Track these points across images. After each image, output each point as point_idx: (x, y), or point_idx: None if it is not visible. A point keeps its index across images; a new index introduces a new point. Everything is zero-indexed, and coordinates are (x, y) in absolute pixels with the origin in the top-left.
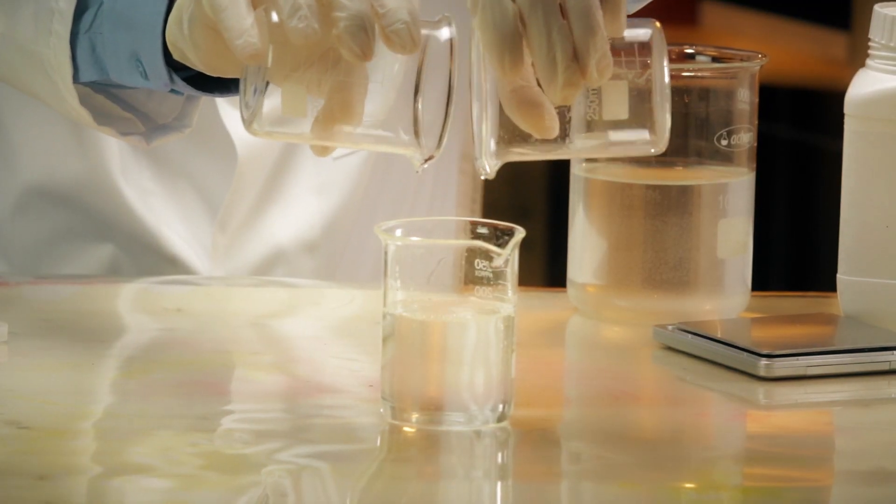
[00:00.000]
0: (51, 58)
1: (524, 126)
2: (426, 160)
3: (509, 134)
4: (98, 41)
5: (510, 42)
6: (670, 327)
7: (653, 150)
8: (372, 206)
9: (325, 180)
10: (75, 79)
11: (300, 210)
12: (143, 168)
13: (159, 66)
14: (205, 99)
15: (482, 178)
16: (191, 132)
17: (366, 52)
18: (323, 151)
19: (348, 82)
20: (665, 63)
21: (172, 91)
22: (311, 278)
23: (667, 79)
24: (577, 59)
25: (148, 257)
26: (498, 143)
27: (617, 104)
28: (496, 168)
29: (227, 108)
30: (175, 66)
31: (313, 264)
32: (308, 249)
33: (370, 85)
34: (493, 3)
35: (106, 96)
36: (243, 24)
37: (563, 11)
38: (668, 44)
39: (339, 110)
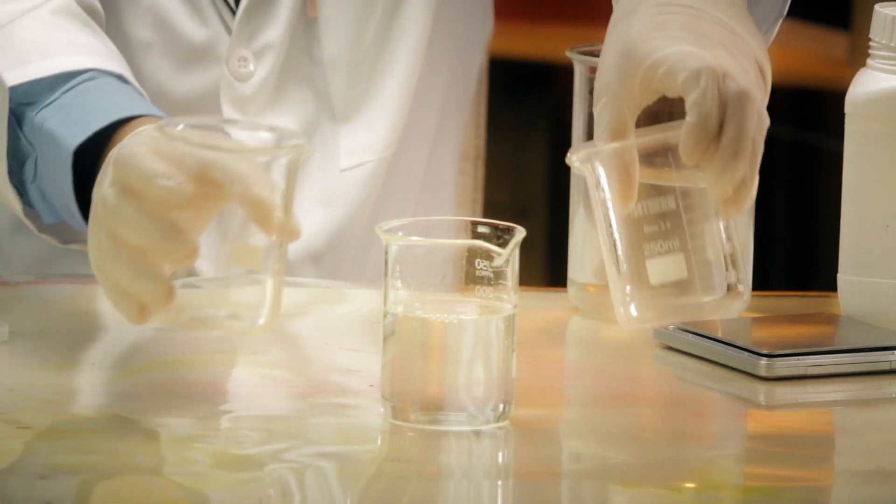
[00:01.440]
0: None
1: (608, 174)
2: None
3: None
4: (44, 189)
5: (708, 138)
6: (671, 327)
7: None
8: (376, 217)
9: (331, 192)
10: (41, 221)
11: (306, 221)
12: None
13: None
14: (210, 106)
15: (568, 163)
16: None
17: (163, 303)
18: (292, 235)
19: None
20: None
21: None
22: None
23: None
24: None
25: None
26: (599, 154)
27: (659, 270)
28: (574, 164)
29: (231, 117)
30: None
31: (317, 275)
32: (312, 261)
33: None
34: (712, 95)
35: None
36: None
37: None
38: None
39: (256, 210)
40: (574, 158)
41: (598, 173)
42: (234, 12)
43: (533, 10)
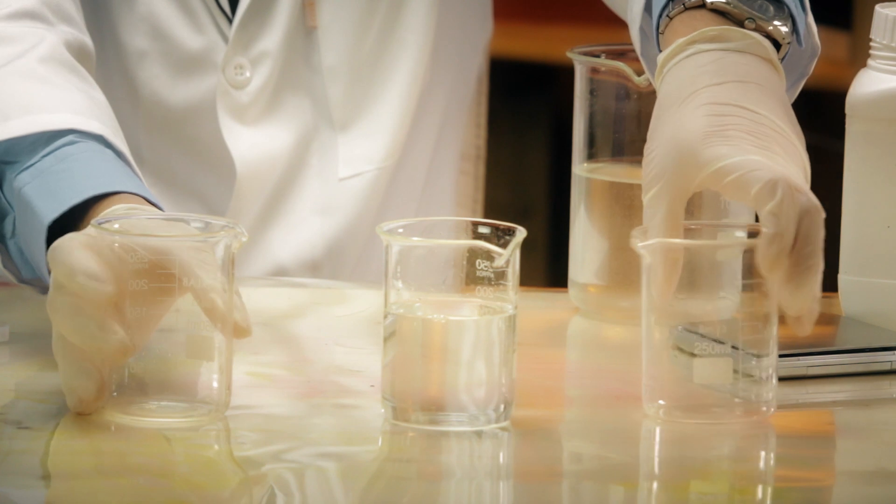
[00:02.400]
0: None
1: (655, 264)
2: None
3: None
4: (22, 245)
5: (786, 250)
6: (680, 328)
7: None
8: (374, 228)
9: (329, 201)
10: (20, 275)
11: (303, 230)
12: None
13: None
14: (207, 115)
15: (632, 247)
16: None
17: (94, 401)
18: (242, 333)
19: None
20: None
21: None
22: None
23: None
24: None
25: None
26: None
27: (705, 370)
28: (639, 250)
29: (228, 125)
30: None
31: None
32: (310, 270)
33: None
34: (788, 207)
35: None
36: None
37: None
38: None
39: (207, 303)
40: (639, 245)
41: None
42: (230, 20)
43: (533, 10)
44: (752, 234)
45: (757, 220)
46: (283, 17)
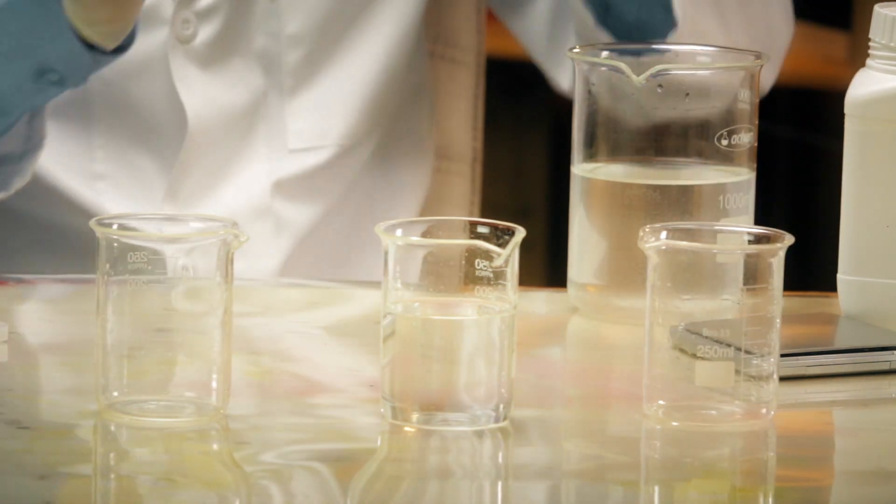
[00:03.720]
0: None
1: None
2: None
3: None
4: None
5: None
6: (681, 328)
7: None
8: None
9: (280, 171)
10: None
11: (255, 185)
12: (94, 149)
13: (76, 52)
14: (157, 69)
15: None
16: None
17: None
18: None
19: None
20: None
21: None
22: (265, 240)
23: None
24: None
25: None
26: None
27: (707, 373)
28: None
29: (180, 76)
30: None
31: (263, 229)
32: (260, 214)
33: None
34: None
35: None
36: None
37: None
38: (669, 43)
39: None
40: (646, 245)
41: None
42: None
43: None
44: (753, 236)
45: (756, 222)
46: None
